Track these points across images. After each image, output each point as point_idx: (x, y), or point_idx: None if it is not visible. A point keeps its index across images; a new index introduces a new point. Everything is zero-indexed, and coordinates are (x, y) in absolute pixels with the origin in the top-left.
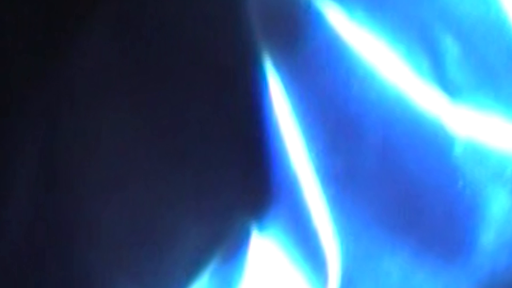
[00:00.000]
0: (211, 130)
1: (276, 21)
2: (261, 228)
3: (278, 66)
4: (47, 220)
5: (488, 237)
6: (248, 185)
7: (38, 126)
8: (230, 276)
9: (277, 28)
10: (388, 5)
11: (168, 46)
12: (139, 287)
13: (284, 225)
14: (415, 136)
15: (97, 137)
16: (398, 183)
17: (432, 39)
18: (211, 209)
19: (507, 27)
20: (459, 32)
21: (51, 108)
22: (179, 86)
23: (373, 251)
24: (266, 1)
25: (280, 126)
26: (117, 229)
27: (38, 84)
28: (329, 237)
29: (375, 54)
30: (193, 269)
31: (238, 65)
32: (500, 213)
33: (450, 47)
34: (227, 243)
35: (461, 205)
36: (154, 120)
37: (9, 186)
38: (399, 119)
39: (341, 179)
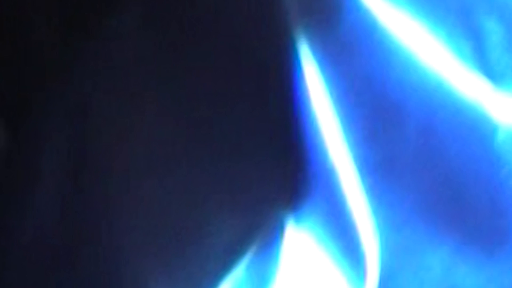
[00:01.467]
0: (245, 121)
1: (312, 5)
2: (297, 220)
3: (314, 52)
4: (76, 212)
5: None
6: (284, 176)
7: (68, 115)
8: (265, 269)
9: (313, 12)
10: None
11: (202, 32)
12: (173, 279)
13: (321, 217)
14: (457, 123)
15: (129, 127)
16: (439, 173)
17: (474, 23)
18: (246, 200)
19: None
20: (502, 15)
21: (82, 96)
22: (213, 76)
23: (414, 244)
24: None
25: (317, 114)
26: (150, 221)
27: (68, 71)
28: (368, 230)
29: (415, 38)
30: (228, 261)
31: (273, 53)
32: None
33: (493, 31)
34: (262, 236)
35: (504, 194)
36: (188, 110)
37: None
38: (440, 106)
39: (380, 168)
